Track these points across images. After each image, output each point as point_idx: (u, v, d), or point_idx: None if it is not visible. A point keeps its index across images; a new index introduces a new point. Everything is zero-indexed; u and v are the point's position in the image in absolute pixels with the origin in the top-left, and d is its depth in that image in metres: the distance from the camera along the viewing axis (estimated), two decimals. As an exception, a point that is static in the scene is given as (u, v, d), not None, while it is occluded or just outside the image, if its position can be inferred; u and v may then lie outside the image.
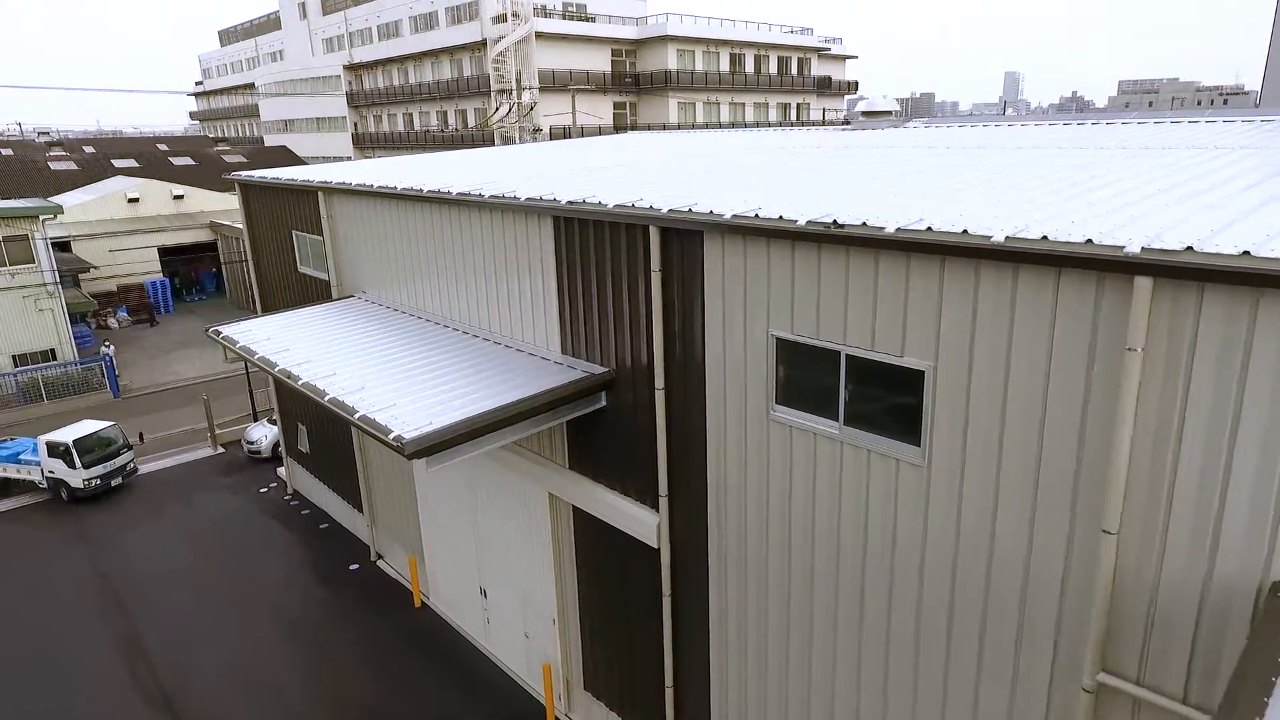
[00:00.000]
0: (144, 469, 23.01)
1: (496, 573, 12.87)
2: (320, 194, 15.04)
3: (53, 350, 29.64)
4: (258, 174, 17.69)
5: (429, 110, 61.39)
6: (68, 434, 20.56)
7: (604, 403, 9.73)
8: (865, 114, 19.88)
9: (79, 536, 18.77)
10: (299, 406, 18.94)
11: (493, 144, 52.40)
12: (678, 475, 8.96)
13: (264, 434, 23.11)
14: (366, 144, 69.07)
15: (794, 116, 63.97)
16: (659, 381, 8.75)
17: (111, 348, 31.41)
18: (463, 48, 55.39)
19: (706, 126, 57.56)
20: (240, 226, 43.88)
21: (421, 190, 11.95)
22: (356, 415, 8.90)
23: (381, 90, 65.30)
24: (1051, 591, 6.09)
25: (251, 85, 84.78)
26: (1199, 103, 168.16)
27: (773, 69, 61.10)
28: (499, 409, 8.78)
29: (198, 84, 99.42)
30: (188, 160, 59.26)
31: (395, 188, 12.64)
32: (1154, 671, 5.70)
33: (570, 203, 9.30)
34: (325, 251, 15.54)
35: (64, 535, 18.90)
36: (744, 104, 60.07)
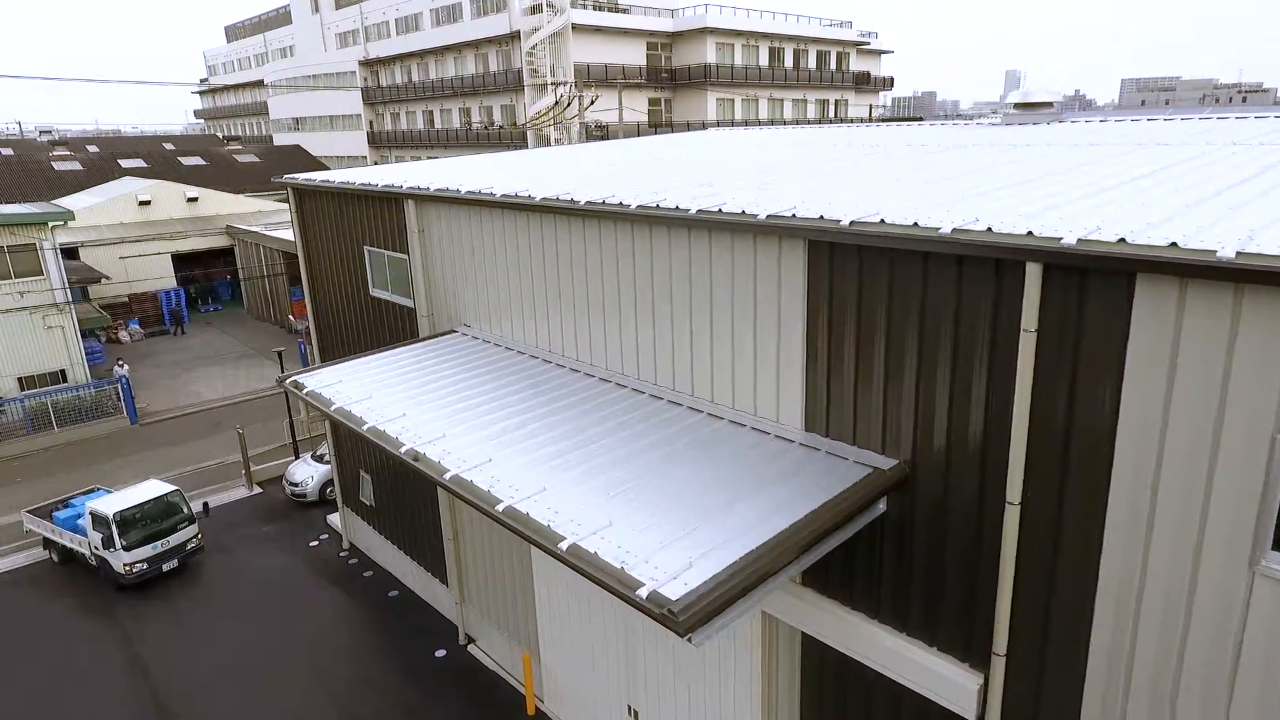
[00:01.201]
0: (172, 514, 20.10)
1: (657, 693, 9.98)
2: (410, 203, 12.15)
3: (63, 371, 26.71)
4: (319, 176, 14.78)
5: (451, 107, 58.46)
6: (114, 502, 16.54)
7: (883, 508, 6.86)
8: (1019, 105, 17.07)
9: (99, 609, 15.85)
10: (362, 452, 16.04)
11: (525, 143, 49.53)
12: (1028, 627, 6.08)
13: (309, 474, 20.19)
14: (383, 143, 66.13)
15: (832, 113, 61.11)
16: (1013, 490, 5.88)
17: (125, 367, 28.48)
18: (489, 41, 52.45)
19: (745, 124, 54.70)
20: (258, 230, 41.27)
21: (578, 203, 9.04)
22: (562, 546, 5.95)
23: (399, 87, 62.34)
24: None
25: (260, 82, 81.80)
26: (1217, 100, 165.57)
27: (811, 63, 58.22)
28: (777, 542, 5.85)
29: (202, 81, 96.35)
30: (198, 160, 56.33)
31: (530, 197, 9.74)
32: None
33: (854, 223, 6.41)
34: (412, 273, 12.66)
35: (78, 606, 15.99)
36: (782, 100, 57.20)
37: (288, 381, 10.45)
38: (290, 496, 20.35)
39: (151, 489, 17.20)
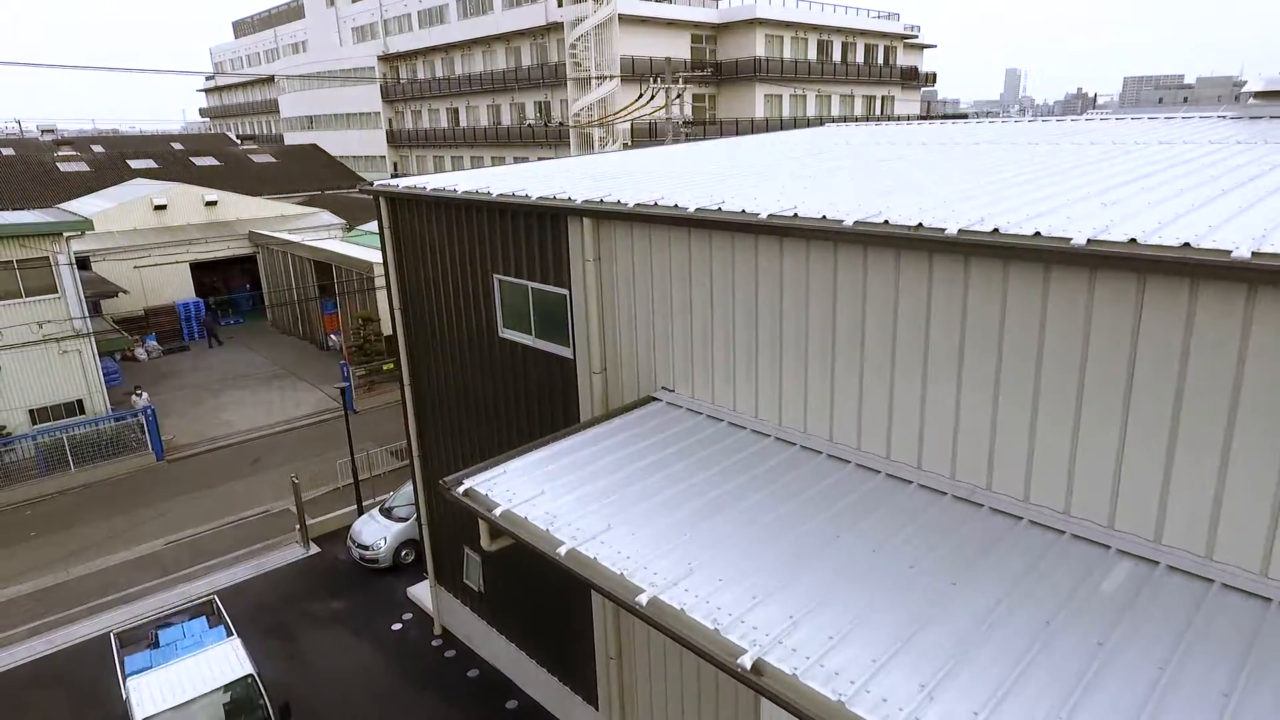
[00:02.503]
0: (218, 580, 16.98)
1: None
2: (583, 221, 9.01)
3: (80, 402, 23.54)
4: (426, 183, 11.62)
5: (478, 104, 55.29)
6: (158, 692, 11.27)
7: None
8: (1259, 95, 14.10)
9: None
10: (472, 528, 12.92)
11: (564, 143, 46.42)
12: None
13: (381, 535, 17.05)
14: (403, 141, 62.99)
15: (878, 110, 58.00)
16: None
17: (144, 395, 25.29)
18: (522, 34, 49.31)
19: (794, 122, 51.60)
20: (285, 237, 38.04)
21: (911, 229, 5.93)
22: None
23: (422, 83, 59.16)
24: None
25: (270, 79, 78.55)
26: (1236, 98, 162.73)
27: (859, 57, 55.13)
28: None
29: (208, 79, 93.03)
30: (211, 160, 53.11)
31: (839, 223, 6.59)
32: None
33: None
34: (574, 314, 9.56)
35: None
36: (829, 96, 54.11)
37: (457, 491, 7.27)
38: (358, 560, 17.21)
39: (213, 668, 11.69)
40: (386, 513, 17.81)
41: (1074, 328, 5.55)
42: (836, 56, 53.55)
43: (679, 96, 27.85)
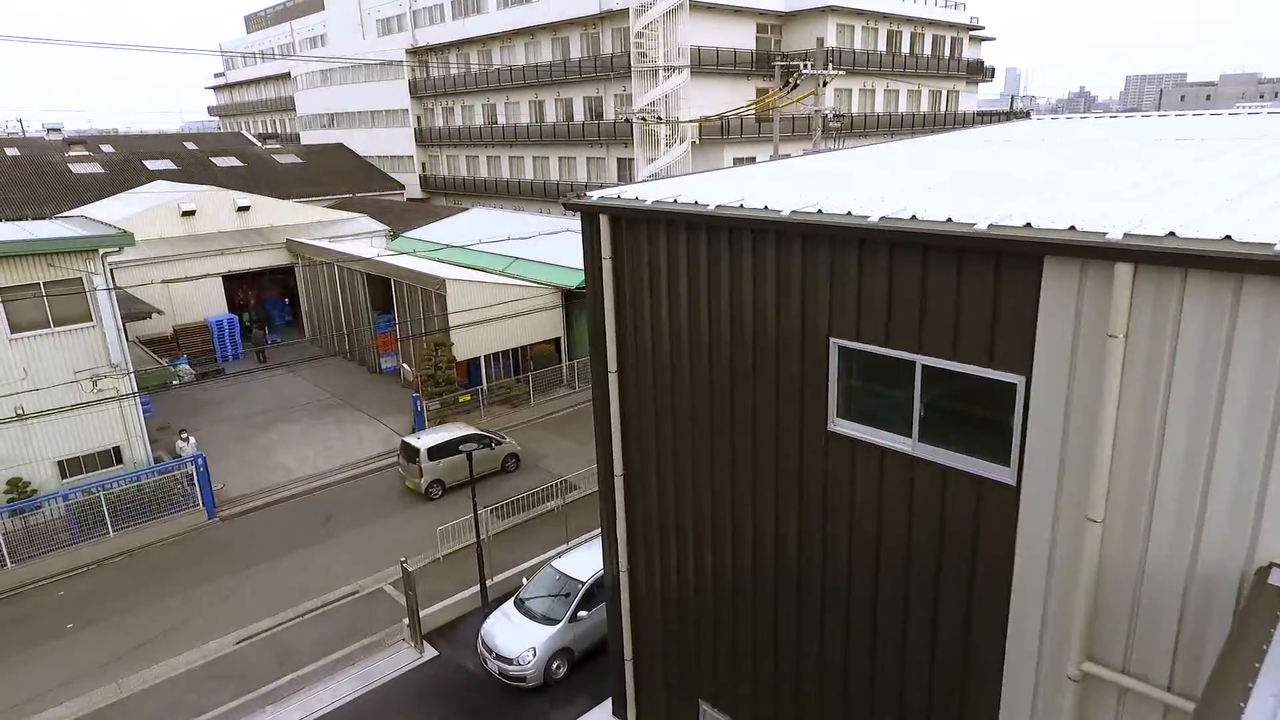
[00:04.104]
0: (314, 701, 13.27)
1: None
2: (1085, 270, 5.31)
3: (117, 450, 19.78)
4: (671, 194, 7.88)
5: (519, 100, 51.47)
6: None
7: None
8: None
9: None
10: (717, 666, 9.19)
11: (620, 142, 42.69)
12: None
13: (529, 645, 13.27)
14: (432, 140, 59.20)
15: (943, 106, 54.37)
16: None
17: (191, 440, 21.55)
18: (572, 23, 45.52)
19: (864, 120, 47.94)
20: (327, 245, 34.08)
21: None
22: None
23: (455, 78, 55.34)
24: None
25: (285, 75, 74.68)
26: (1261, 96, 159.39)
27: (927, 49, 51.45)
28: None
29: (218, 75, 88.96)
30: (233, 161, 49.32)
31: None
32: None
33: None
34: (1043, 417, 5.86)
35: None
36: (897, 91, 50.44)
37: None
38: (495, 675, 13.46)
39: None
40: (522, 607, 14.10)
41: None
42: (905, 48, 49.93)
43: (826, 84, 24.16)
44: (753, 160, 43.42)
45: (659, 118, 30.38)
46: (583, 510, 18.87)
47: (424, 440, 20.32)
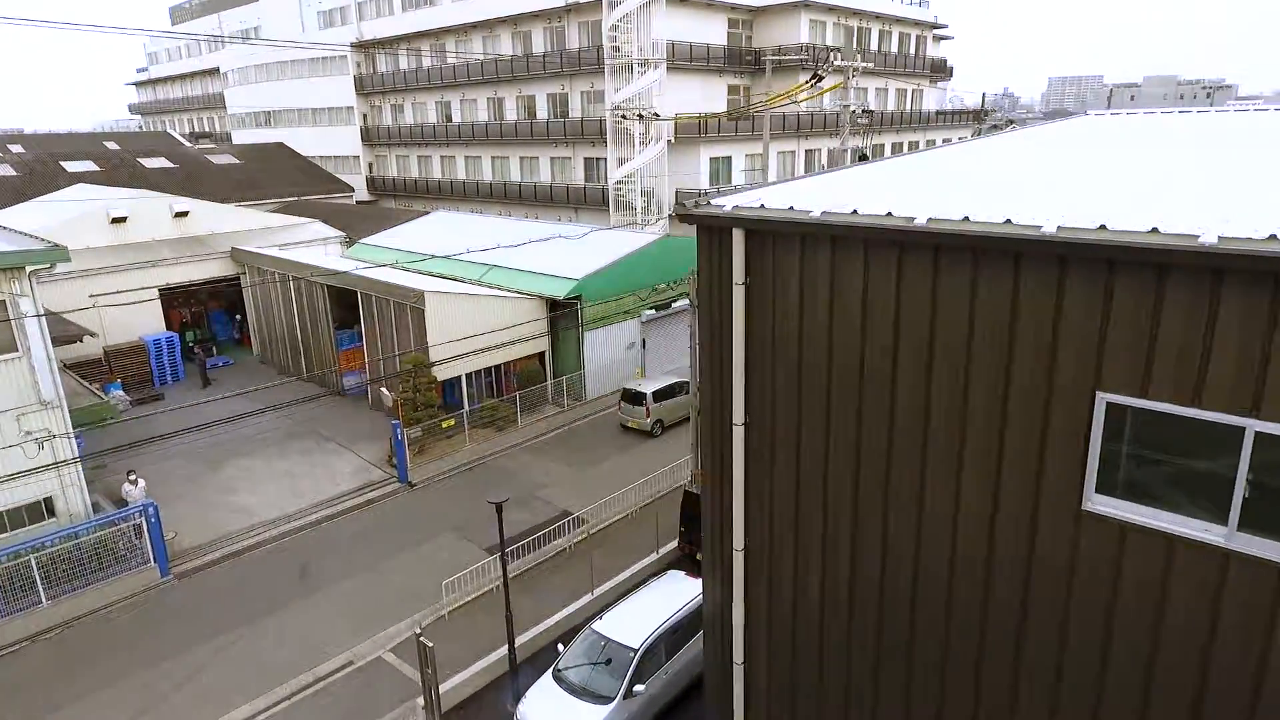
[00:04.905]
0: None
1: None
2: None
3: (48, 501, 16.83)
4: (805, 204, 6.02)
5: (476, 97, 48.78)
6: None
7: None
8: None
9: None
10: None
11: (588, 141, 40.59)
12: None
13: (577, 729, 11.19)
14: (380, 139, 55.96)
15: (909, 105, 53.94)
16: None
17: (140, 483, 18.67)
18: (535, 16, 43.18)
19: (838, 117, 46.90)
20: (279, 254, 30.86)
21: None
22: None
23: (406, 73, 52.29)
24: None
25: (215, 70, 70.04)
26: (1181, 97, 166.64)
27: (894, 47, 50.87)
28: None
29: (141, 71, 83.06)
30: (164, 162, 45.32)
31: None
32: None
33: None
34: None
35: None
36: (867, 89, 49.66)
37: None
38: (535, 767, 11.34)
39: None
40: (563, 681, 12.00)
41: None
42: (874, 45, 49.20)
43: (853, 75, 22.55)
44: (729, 160, 41.95)
45: (642, 114, 28.50)
46: (596, 549, 16.83)
47: (647, 386, 23.84)
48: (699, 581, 13.87)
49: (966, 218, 5.46)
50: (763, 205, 6.47)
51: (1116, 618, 5.53)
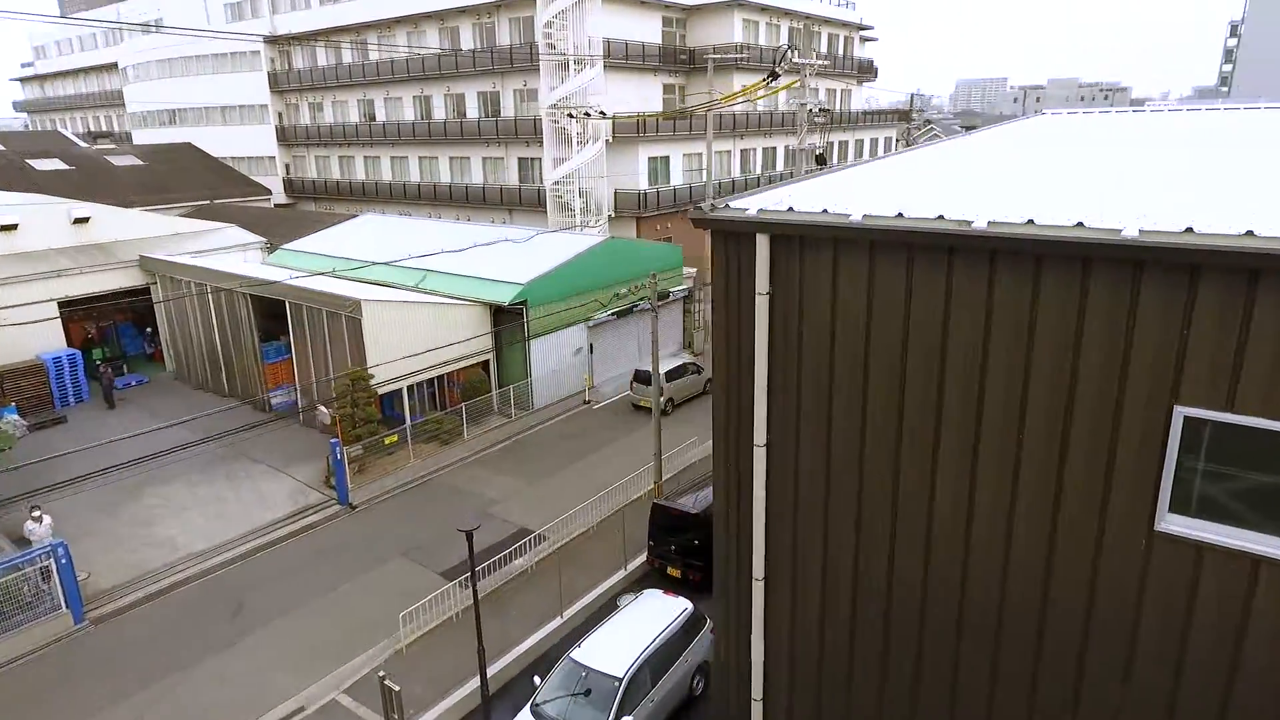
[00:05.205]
0: None
1: None
2: None
3: (-64, 547, 14.88)
4: (843, 203, 5.47)
5: (401, 95, 46.92)
6: None
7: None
8: None
9: None
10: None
11: (522, 140, 39.52)
12: None
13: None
14: (298, 139, 53.37)
15: (838, 105, 54.72)
16: None
17: (46, 520, 16.82)
18: (463, 11, 41.74)
19: (771, 117, 47.07)
20: (199, 263, 28.39)
21: None
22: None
23: (325, 70, 49.92)
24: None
25: (113, 66, 65.50)
26: (1081, 99, 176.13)
27: (823, 47, 51.49)
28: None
29: (26, 66, 76.88)
30: (57, 164, 41.87)
31: None
32: None
33: None
34: None
35: None
36: (803, 87, 50.05)
37: None
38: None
39: None
40: (541, 715, 11.19)
41: None
42: (805, 45, 49.63)
43: (812, 72, 22.18)
44: (667, 160, 41.55)
45: (588, 112, 27.58)
46: (562, 567, 16.01)
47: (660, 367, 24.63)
48: (679, 600, 13.28)
49: (1031, 220, 4.99)
50: (791, 209, 5.87)
51: (1192, 639, 5.17)
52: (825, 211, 5.73)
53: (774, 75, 22.23)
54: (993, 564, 5.81)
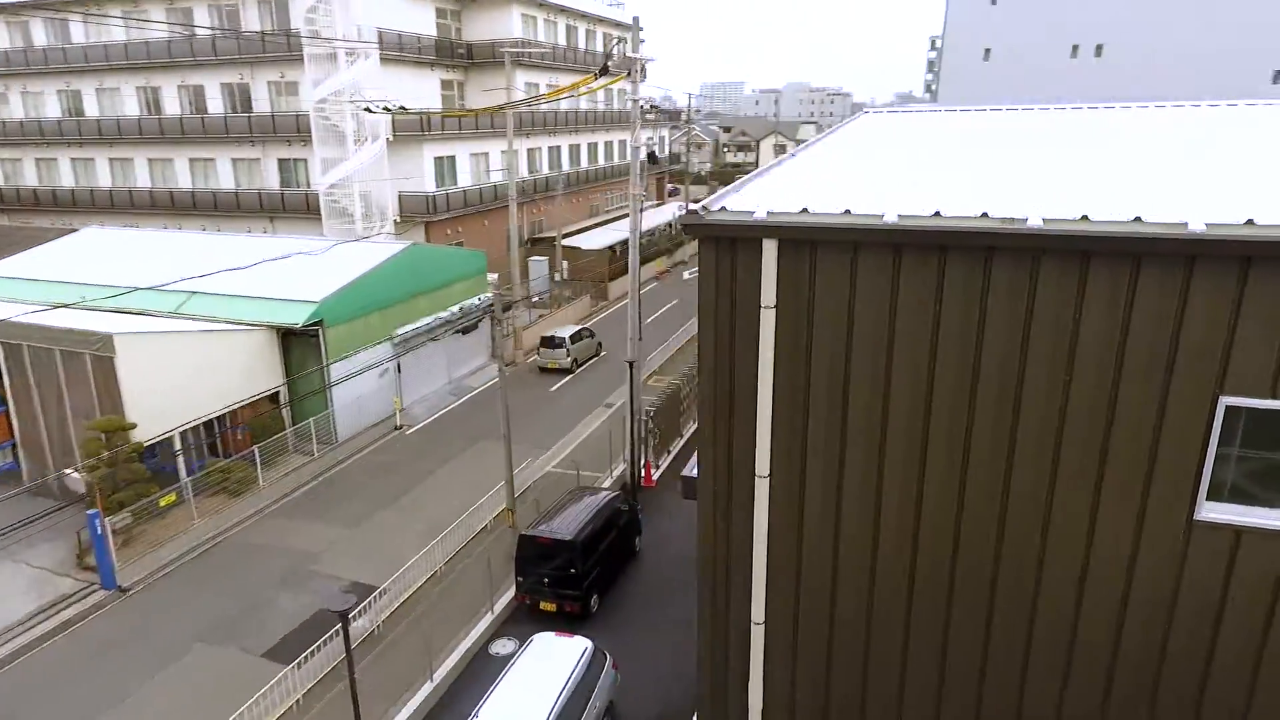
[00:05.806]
0: None
1: None
2: None
3: None
4: (833, 201, 4.79)
5: (119, 85, 39.63)
6: None
7: None
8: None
9: None
10: None
11: (280, 139, 35.13)
12: None
13: None
14: (-20, 139, 43.37)
15: (615, 105, 55.18)
16: None
17: None
18: (197, -11, 36.05)
19: (549, 116, 46.17)
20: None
21: None
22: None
23: (9, 52, 40.92)
24: None
25: None
26: (814, 102, 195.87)
27: (598, 46, 51.53)
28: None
29: None
30: None
31: None
32: None
33: None
34: None
35: None
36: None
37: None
38: None
39: None
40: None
41: None
42: (581, 44, 49.53)
43: (641, 70, 21.13)
44: (453, 160, 39.14)
45: (370, 108, 24.62)
46: (422, 622, 14.01)
47: (561, 332, 28.18)
48: (577, 640, 11.89)
49: (1085, 216, 4.56)
50: (805, 209, 4.97)
51: (1225, 624, 5.07)
52: (848, 212, 4.92)
53: (605, 70, 21.34)
54: (1024, 598, 5.40)
